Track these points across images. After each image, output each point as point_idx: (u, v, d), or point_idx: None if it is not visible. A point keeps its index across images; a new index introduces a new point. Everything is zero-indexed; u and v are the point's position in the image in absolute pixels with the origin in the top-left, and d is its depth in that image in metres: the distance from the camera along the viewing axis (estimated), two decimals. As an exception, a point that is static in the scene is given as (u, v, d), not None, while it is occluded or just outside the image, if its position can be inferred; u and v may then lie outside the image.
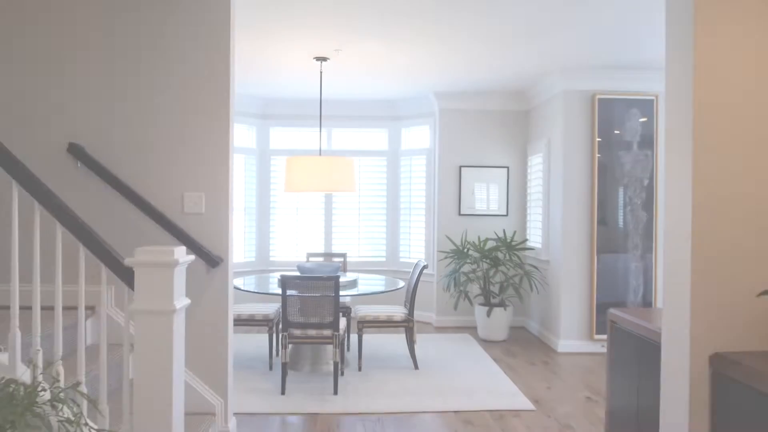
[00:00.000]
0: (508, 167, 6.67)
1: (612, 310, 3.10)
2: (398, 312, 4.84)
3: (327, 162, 4.73)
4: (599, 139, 5.45)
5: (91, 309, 3.04)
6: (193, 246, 3.17)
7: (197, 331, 3.23)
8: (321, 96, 5.14)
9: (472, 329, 6.49)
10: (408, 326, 4.81)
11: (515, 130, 6.69)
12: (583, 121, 5.50)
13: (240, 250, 6.87)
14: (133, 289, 2.18)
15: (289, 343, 4.23)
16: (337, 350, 4.21)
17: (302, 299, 4.22)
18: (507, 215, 6.68)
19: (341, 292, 4.56)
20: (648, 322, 2.68)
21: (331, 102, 6.96)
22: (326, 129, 7.11)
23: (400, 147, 7.10)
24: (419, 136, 7.03)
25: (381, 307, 4.97)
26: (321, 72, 5.05)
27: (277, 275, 5.41)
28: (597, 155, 5.45)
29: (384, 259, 7.13)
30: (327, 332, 4.23)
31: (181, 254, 2.20)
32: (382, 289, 4.75)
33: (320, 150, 5.11)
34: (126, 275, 2.24)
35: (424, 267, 4.84)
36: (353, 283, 4.94)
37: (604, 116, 5.46)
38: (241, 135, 6.92)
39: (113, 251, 2.26)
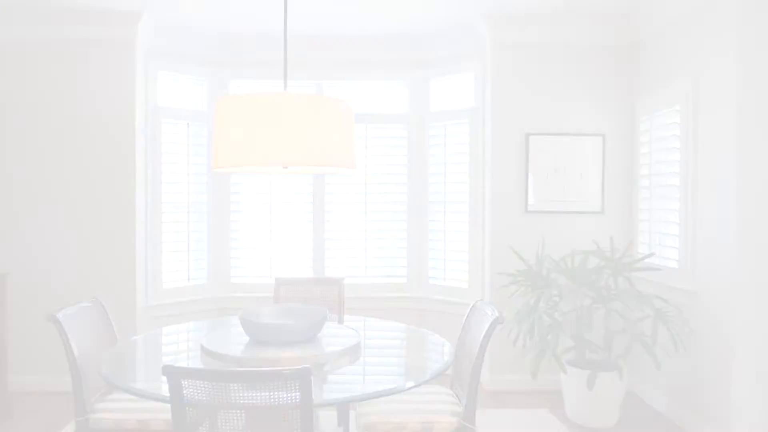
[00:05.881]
0: (603, 135, 4.17)
1: None
2: (443, 413, 2.36)
3: (299, 105, 2.26)
4: (805, 72, 2.95)
5: None
6: None
7: None
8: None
9: (549, 398, 4.01)
10: (465, 442, 2.33)
11: (615, 76, 4.18)
12: (774, 40, 2.99)
13: (182, 268, 4.43)
14: None
15: None
16: None
17: (235, 416, 1.75)
18: (602, 212, 4.18)
19: (328, 395, 2.07)
20: None
21: (319, 40, 4.48)
22: (315, 82, 4.64)
23: (428, 107, 4.62)
24: (458, 90, 4.52)
25: (406, 401, 2.49)
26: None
27: (242, 311, 2.96)
28: (803, 101, 2.95)
29: (405, 280, 4.66)
30: (286, 497, 1.76)
31: None
32: (402, 383, 2.24)
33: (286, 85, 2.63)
34: None
35: (496, 321, 2.35)
36: (352, 353, 2.44)
37: (815, 29, 2.95)
38: (184, 91, 4.46)
39: None
